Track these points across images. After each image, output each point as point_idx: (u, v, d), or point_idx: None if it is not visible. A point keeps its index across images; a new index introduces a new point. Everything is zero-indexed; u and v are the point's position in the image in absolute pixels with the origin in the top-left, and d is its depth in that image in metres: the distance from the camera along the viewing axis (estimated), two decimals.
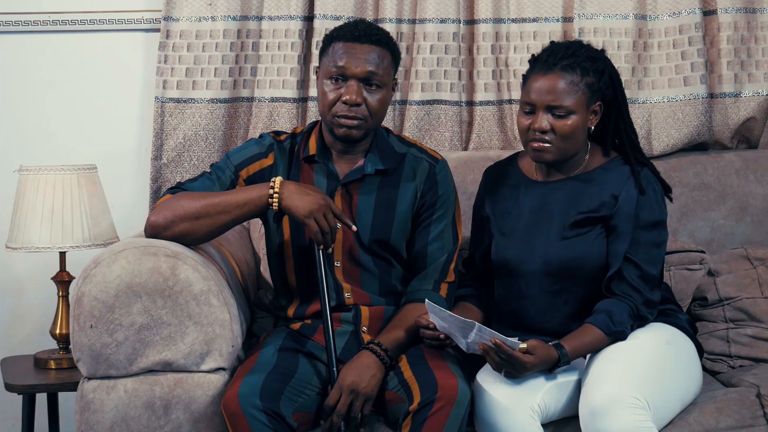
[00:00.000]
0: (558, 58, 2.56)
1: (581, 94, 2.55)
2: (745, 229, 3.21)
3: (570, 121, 2.55)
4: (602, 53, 2.64)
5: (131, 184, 3.47)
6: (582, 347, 2.48)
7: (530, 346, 2.40)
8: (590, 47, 2.63)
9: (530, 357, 2.40)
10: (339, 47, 2.61)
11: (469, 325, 2.39)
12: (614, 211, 2.56)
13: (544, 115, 2.55)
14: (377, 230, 2.66)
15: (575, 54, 2.57)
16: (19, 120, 3.45)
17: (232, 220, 2.55)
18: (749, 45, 3.37)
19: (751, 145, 3.44)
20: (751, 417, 2.56)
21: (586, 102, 2.56)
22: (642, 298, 2.54)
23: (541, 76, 2.56)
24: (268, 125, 3.34)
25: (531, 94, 2.57)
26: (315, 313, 2.65)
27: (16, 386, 2.96)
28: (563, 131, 2.55)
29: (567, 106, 2.54)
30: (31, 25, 3.42)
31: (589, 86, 2.56)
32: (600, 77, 2.57)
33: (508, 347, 2.37)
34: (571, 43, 2.63)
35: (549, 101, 2.54)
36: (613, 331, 2.49)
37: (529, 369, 2.41)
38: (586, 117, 2.57)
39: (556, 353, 2.44)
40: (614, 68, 2.64)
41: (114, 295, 2.42)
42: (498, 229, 2.68)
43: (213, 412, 2.45)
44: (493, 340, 2.37)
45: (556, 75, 2.54)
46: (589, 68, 2.56)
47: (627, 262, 2.54)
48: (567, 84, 2.54)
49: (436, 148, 3.32)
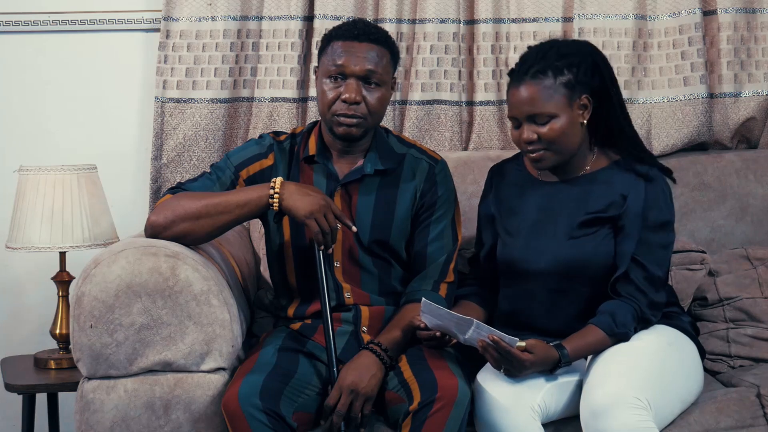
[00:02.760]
0: (528, 66, 2.54)
1: (559, 95, 2.52)
2: (745, 229, 3.21)
3: (554, 125, 2.52)
4: (578, 45, 2.60)
5: (131, 184, 3.47)
6: (583, 348, 2.48)
7: (529, 345, 2.40)
8: (563, 43, 2.60)
9: (529, 355, 2.39)
10: (338, 46, 2.61)
11: (467, 322, 2.39)
12: (622, 211, 2.55)
13: (528, 126, 2.54)
14: (377, 230, 2.66)
15: (545, 56, 2.54)
16: (19, 120, 3.45)
17: (232, 221, 2.55)
18: (749, 45, 3.37)
19: (751, 145, 3.44)
20: (751, 417, 2.56)
21: (567, 101, 2.53)
22: (647, 300, 2.53)
23: (515, 89, 2.55)
24: (268, 125, 3.34)
25: (511, 108, 2.57)
26: (315, 313, 2.65)
27: (16, 386, 2.96)
28: (550, 136, 2.53)
29: (547, 112, 2.52)
30: (30, 25, 3.42)
31: (565, 85, 2.52)
32: (577, 71, 2.53)
33: (506, 344, 2.37)
34: (541, 46, 2.59)
35: (528, 111, 2.53)
36: (616, 332, 2.49)
37: (527, 367, 2.41)
38: (574, 114, 2.54)
39: (557, 353, 2.44)
40: (597, 54, 2.59)
41: (114, 295, 2.42)
42: (504, 228, 2.68)
43: (213, 412, 2.44)
44: (491, 336, 2.37)
45: (528, 84, 2.52)
46: (562, 66, 2.52)
47: (633, 263, 2.53)
48: (541, 90, 2.51)
49: (436, 148, 3.32)
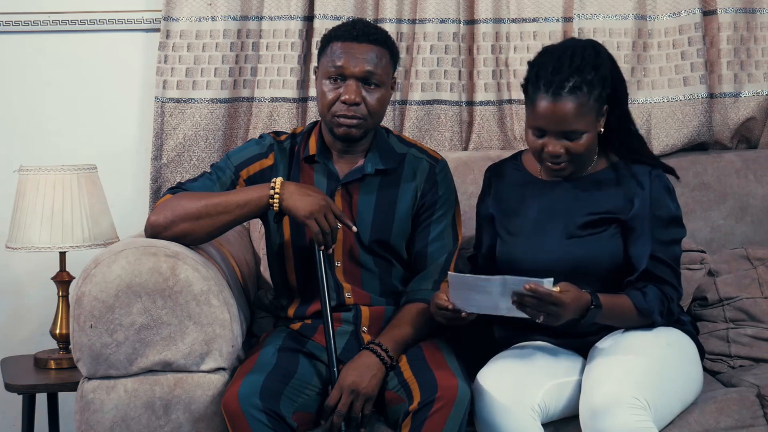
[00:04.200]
0: (564, 78, 2.47)
1: (592, 112, 2.50)
2: (745, 229, 3.21)
3: (583, 140, 2.51)
4: (599, 52, 2.55)
5: (131, 184, 3.47)
6: (612, 307, 2.45)
7: (562, 286, 2.34)
8: (589, 51, 2.53)
9: (567, 293, 2.34)
10: (337, 47, 2.61)
11: (497, 284, 2.32)
12: (631, 214, 2.55)
13: (557, 141, 2.50)
14: (377, 230, 2.66)
15: (580, 70, 2.48)
16: (19, 120, 3.45)
17: (232, 221, 2.55)
18: (749, 45, 3.37)
19: (751, 145, 3.44)
20: (751, 417, 2.56)
21: (596, 116, 2.52)
22: (677, 294, 2.55)
23: (548, 102, 2.47)
24: (268, 125, 3.34)
25: (540, 119, 2.50)
26: (315, 313, 2.65)
27: (16, 386, 2.96)
28: (578, 150, 2.51)
29: (581, 129, 2.50)
30: (30, 25, 3.42)
31: (597, 100, 2.50)
32: (604, 83, 2.51)
33: (545, 288, 2.30)
34: (572, 55, 2.51)
35: (562, 128, 2.49)
36: (644, 307, 2.48)
37: (566, 306, 2.33)
38: (598, 126, 2.54)
39: (589, 296, 2.40)
40: (611, 59, 2.57)
41: (114, 295, 2.42)
42: (504, 227, 2.67)
43: (213, 412, 2.44)
44: (527, 286, 2.29)
45: (566, 100, 2.46)
46: (595, 81, 2.49)
47: (657, 262, 2.52)
48: (578, 107, 2.47)
49: (436, 148, 3.32)
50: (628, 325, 2.54)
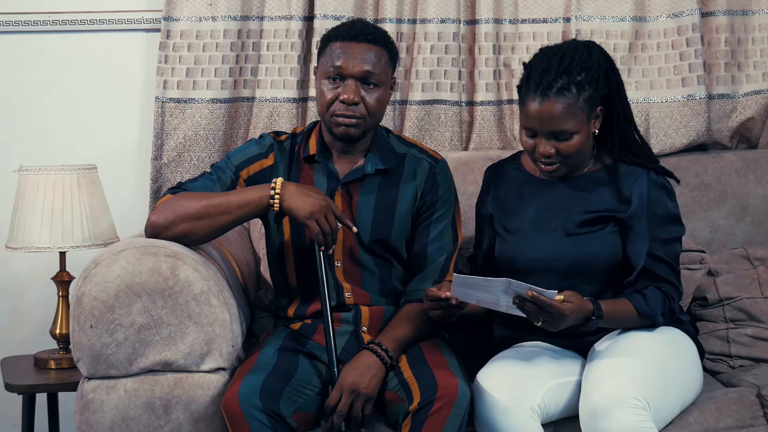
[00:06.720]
0: (551, 79, 2.48)
1: (582, 112, 2.50)
2: (745, 229, 3.21)
3: (574, 140, 2.51)
4: (593, 53, 2.54)
5: (131, 184, 3.47)
6: (614, 313, 2.46)
7: (566, 296, 2.36)
8: (580, 52, 2.53)
9: (568, 305, 2.35)
10: (336, 47, 2.62)
11: (500, 283, 2.34)
12: (630, 212, 2.55)
13: (547, 142, 2.51)
14: (377, 230, 2.66)
15: (568, 71, 2.49)
16: (19, 120, 3.45)
17: (232, 221, 2.55)
18: (746, 46, 3.38)
19: (751, 145, 3.44)
20: (751, 417, 2.56)
21: (587, 117, 2.52)
22: (677, 293, 2.55)
23: (537, 103, 2.49)
24: (268, 125, 3.34)
25: (530, 120, 2.51)
26: (315, 313, 2.65)
27: (16, 386, 2.96)
28: (569, 151, 2.52)
29: (569, 130, 2.50)
30: (30, 25, 3.42)
31: (587, 100, 2.50)
32: (596, 84, 2.51)
33: (547, 297, 2.32)
34: (561, 57, 2.52)
35: (550, 128, 2.49)
36: (646, 311, 2.49)
37: (566, 317, 2.36)
38: (590, 127, 2.54)
39: (591, 305, 2.41)
40: (608, 60, 2.57)
41: (114, 295, 2.42)
42: (503, 227, 2.68)
43: (213, 412, 2.45)
44: (530, 293, 2.31)
45: (553, 101, 2.47)
46: (585, 82, 2.49)
47: (655, 260, 2.53)
48: (566, 108, 2.48)
49: (436, 148, 3.32)
50: (630, 326, 2.54)
